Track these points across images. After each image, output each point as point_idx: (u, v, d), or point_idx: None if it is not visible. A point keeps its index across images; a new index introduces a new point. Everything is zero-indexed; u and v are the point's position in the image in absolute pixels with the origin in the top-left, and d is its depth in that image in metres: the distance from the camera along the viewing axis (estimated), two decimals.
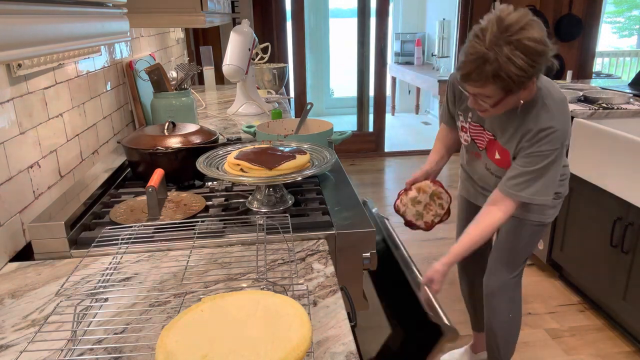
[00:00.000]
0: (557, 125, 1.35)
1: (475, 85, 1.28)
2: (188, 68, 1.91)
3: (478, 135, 1.57)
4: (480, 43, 1.23)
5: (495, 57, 1.21)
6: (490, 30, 1.22)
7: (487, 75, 1.24)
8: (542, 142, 1.36)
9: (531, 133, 1.37)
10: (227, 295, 0.77)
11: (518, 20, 1.22)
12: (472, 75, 1.26)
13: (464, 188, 1.85)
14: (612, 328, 2.27)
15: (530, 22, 1.23)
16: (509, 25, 1.21)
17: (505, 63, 1.21)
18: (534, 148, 1.38)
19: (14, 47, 0.53)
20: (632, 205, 2.03)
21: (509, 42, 1.21)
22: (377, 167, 4.74)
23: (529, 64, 1.22)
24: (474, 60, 1.24)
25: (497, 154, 1.53)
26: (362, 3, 4.78)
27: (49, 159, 1.27)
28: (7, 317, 0.86)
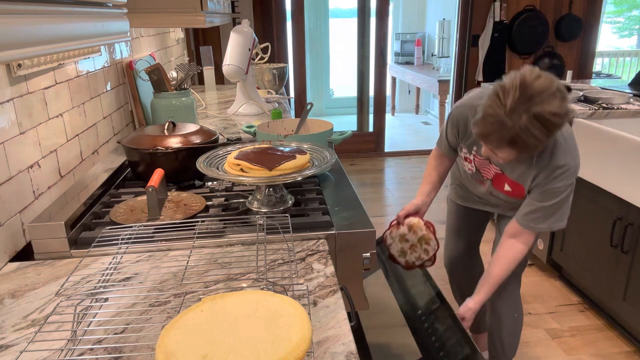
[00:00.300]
0: (572, 161, 1.37)
1: (492, 145, 1.28)
2: (188, 68, 1.91)
3: (484, 167, 1.56)
4: (501, 107, 1.20)
5: (513, 125, 1.19)
6: (513, 95, 1.19)
7: (504, 140, 1.23)
8: (558, 179, 1.37)
9: (547, 170, 1.38)
10: (227, 295, 0.77)
11: (543, 90, 1.18)
12: (489, 137, 1.25)
13: (457, 195, 1.84)
14: (612, 328, 2.27)
15: (555, 93, 1.19)
16: (532, 95, 1.18)
17: (523, 133, 1.20)
18: (551, 185, 1.39)
19: (14, 47, 0.53)
20: (632, 205, 2.03)
21: (529, 112, 1.18)
22: (377, 167, 4.74)
23: (545, 135, 1.21)
24: (492, 123, 1.22)
25: (506, 186, 1.53)
26: (362, 3, 4.78)
27: (49, 159, 1.27)
28: (7, 317, 0.86)
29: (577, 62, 4.51)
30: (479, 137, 1.29)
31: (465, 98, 1.53)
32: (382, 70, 4.87)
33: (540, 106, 1.18)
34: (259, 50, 2.62)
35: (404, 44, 6.35)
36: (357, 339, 0.81)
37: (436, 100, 5.38)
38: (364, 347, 1.53)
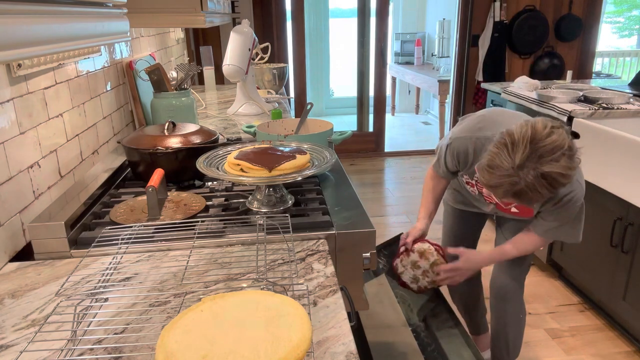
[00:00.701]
0: (576, 187, 1.37)
1: (496, 195, 1.27)
2: (188, 68, 1.91)
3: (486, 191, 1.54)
4: (509, 160, 1.18)
5: (520, 180, 1.18)
6: (523, 150, 1.17)
7: (509, 193, 1.22)
8: (566, 205, 1.39)
9: (554, 199, 1.39)
10: (227, 295, 0.77)
11: (553, 149, 1.15)
12: (495, 189, 1.24)
13: (454, 199, 1.83)
14: (612, 328, 2.27)
15: (564, 153, 1.16)
16: (543, 153, 1.16)
17: (529, 189, 1.18)
18: (561, 210, 1.41)
19: (14, 47, 0.53)
20: (632, 205, 2.03)
21: (538, 170, 1.16)
22: (377, 167, 4.73)
23: (549, 192, 1.20)
24: (499, 176, 1.20)
25: (513, 208, 1.55)
26: (362, 3, 4.78)
27: (49, 159, 1.27)
28: (7, 317, 0.86)
29: (577, 62, 4.51)
30: (483, 185, 1.27)
31: (463, 128, 1.50)
32: (382, 70, 4.87)
33: (549, 166, 1.15)
34: (259, 50, 2.62)
35: (404, 44, 6.35)
36: (357, 339, 0.81)
37: (436, 100, 5.38)
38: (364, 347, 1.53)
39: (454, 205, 1.84)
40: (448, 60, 5.36)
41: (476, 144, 1.44)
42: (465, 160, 1.49)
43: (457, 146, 1.49)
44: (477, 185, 1.56)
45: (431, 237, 1.63)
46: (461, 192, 1.77)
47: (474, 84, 4.47)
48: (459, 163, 1.52)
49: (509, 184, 1.19)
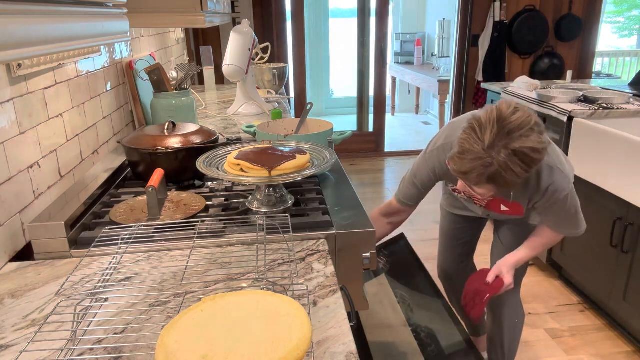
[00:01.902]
0: (557, 176, 1.35)
1: (470, 182, 1.24)
2: (188, 68, 1.91)
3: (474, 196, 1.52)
4: (478, 142, 1.16)
5: (492, 162, 1.15)
6: (491, 129, 1.15)
7: (483, 177, 1.19)
8: (553, 196, 1.37)
9: (539, 193, 1.38)
10: (227, 295, 0.77)
11: (520, 125, 1.15)
12: (468, 175, 1.21)
13: (450, 204, 1.82)
14: (612, 328, 2.27)
15: (533, 128, 1.16)
16: (510, 130, 1.14)
17: (503, 169, 1.16)
18: (551, 202, 1.40)
19: (14, 47, 0.53)
20: (632, 205, 2.03)
21: (508, 148, 1.14)
22: (377, 167, 4.74)
23: (524, 171, 1.17)
24: (471, 160, 1.18)
25: (502, 207, 1.52)
26: (362, 3, 4.78)
27: (49, 159, 1.27)
28: (7, 317, 0.86)
29: (577, 62, 4.51)
30: (455, 173, 1.24)
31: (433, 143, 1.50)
32: (382, 70, 4.87)
33: (519, 142, 1.14)
34: (259, 50, 2.62)
35: (404, 44, 6.35)
36: (357, 339, 0.81)
37: (436, 100, 5.38)
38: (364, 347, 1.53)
39: (450, 210, 1.83)
40: (448, 60, 5.37)
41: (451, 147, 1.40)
42: (444, 174, 1.48)
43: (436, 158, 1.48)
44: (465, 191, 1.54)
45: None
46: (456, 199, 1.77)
47: (474, 84, 4.47)
48: (440, 175, 1.50)
49: (481, 167, 1.16)
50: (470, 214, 1.75)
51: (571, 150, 2.40)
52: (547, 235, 1.52)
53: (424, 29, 6.61)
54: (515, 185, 1.22)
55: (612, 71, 5.88)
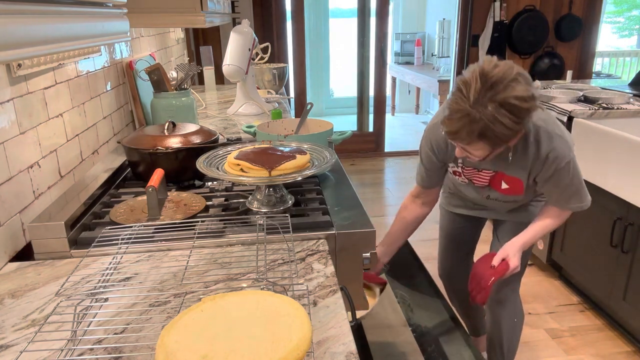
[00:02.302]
0: (556, 142, 1.34)
1: (463, 142, 1.25)
2: (188, 68, 1.91)
3: (474, 176, 1.53)
4: (464, 100, 1.17)
5: (481, 117, 1.16)
6: (474, 87, 1.16)
7: (474, 134, 1.20)
8: (554, 164, 1.36)
9: (539, 161, 1.37)
10: (227, 295, 0.77)
11: (503, 77, 1.16)
12: (459, 134, 1.22)
13: (450, 204, 1.81)
14: (612, 328, 2.27)
15: (516, 78, 1.16)
16: (494, 82, 1.15)
17: (491, 123, 1.16)
18: (552, 171, 1.37)
19: (14, 47, 0.53)
20: (632, 205, 2.03)
21: (495, 100, 1.15)
22: (377, 167, 4.74)
23: (515, 122, 1.17)
24: (459, 118, 1.19)
25: (503, 184, 1.50)
26: (362, 3, 4.78)
27: (49, 159, 1.27)
28: (7, 317, 0.86)
29: (577, 62, 4.51)
30: (448, 135, 1.25)
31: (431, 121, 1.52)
32: (382, 70, 4.87)
33: (504, 93, 1.15)
34: (259, 50, 2.62)
35: (404, 44, 6.35)
36: (357, 339, 0.81)
37: (436, 100, 5.38)
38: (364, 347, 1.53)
39: (449, 209, 1.82)
40: (448, 60, 5.37)
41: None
42: (445, 146, 1.47)
43: (432, 134, 1.48)
44: (464, 170, 1.53)
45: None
46: (456, 195, 1.75)
47: None
48: (437, 154, 1.50)
49: (470, 123, 1.17)
50: (471, 213, 1.75)
51: None
52: (552, 214, 1.50)
53: (424, 29, 6.61)
54: (508, 139, 1.22)
55: (612, 71, 5.88)
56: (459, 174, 1.55)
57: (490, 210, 1.70)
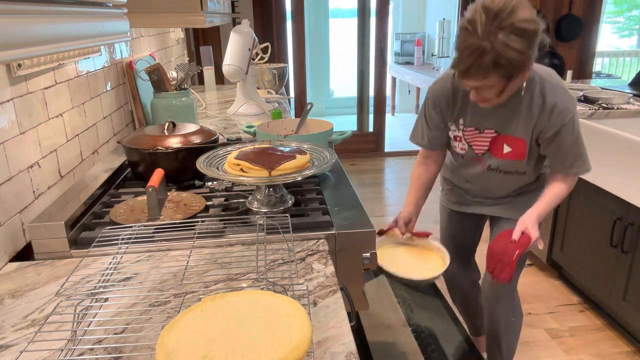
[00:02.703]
0: (562, 95, 1.37)
1: (477, 78, 1.25)
2: (188, 68, 1.91)
3: (475, 139, 1.51)
4: (473, 35, 1.20)
5: (492, 47, 1.18)
6: (480, 20, 1.19)
7: (488, 66, 1.21)
8: (559, 117, 1.37)
9: (544, 115, 1.38)
10: (227, 295, 0.77)
11: (505, 5, 1.19)
12: (472, 70, 1.23)
13: (450, 201, 1.80)
14: (612, 328, 2.27)
15: (517, 4, 1.20)
16: (498, 11, 1.18)
17: (503, 50, 1.18)
18: (557, 128, 1.38)
19: (14, 47, 0.53)
20: (632, 205, 2.03)
21: (502, 27, 1.18)
22: (377, 167, 4.74)
23: (526, 45, 1.20)
24: (470, 54, 1.20)
25: (505, 147, 1.47)
26: (362, 3, 4.78)
27: (49, 159, 1.27)
28: (7, 317, 0.86)
29: (577, 62, 4.51)
30: (460, 76, 1.26)
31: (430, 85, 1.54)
32: (382, 70, 4.87)
33: (510, 19, 1.18)
34: (259, 50, 2.62)
35: (404, 44, 6.34)
36: (357, 339, 0.81)
37: None
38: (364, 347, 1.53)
39: (450, 207, 1.81)
40: (448, 60, 5.36)
41: (452, 79, 1.45)
42: (447, 103, 1.48)
43: (435, 90, 1.49)
44: (465, 133, 1.51)
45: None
46: (455, 189, 1.75)
47: None
48: (442, 111, 1.50)
49: (481, 55, 1.19)
50: (470, 209, 1.74)
51: None
52: (558, 182, 1.48)
53: (424, 29, 6.61)
54: (523, 65, 1.23)
55: (612, 71, 5.88)
56: (459, 138, 1.53)
57: (489, 201, 1.68)
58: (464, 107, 1.47)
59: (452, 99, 1.47)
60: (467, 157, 1.58)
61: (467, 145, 1.53)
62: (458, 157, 1.60)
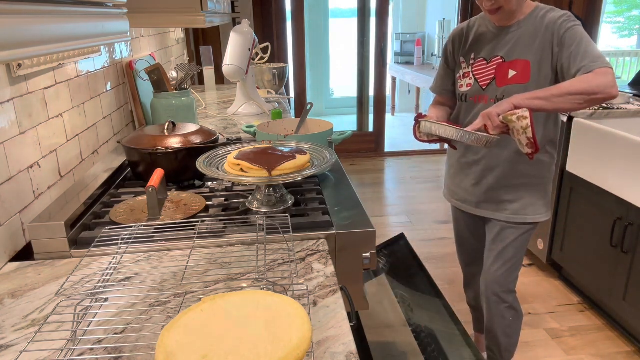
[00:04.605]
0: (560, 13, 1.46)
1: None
2: (188, 68, 1.91)
3: (481, 71, 1.56)
4: None
5: None
6: None
7: None
8: (562, 25, 1.42)
9: (548, 30, 1.44)
10: (227, 295, 0.77)
11: None
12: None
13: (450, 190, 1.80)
14: (612, 328, 2.27)
15: None
16: None
17: None
18: (562, 31, 1.41)
19: (14, 47, 0.53)
20: (632, 205, 2.03)
21: None
22: (377, 167, 4.74)
23: None
24: None
25: (510, 72, 1.50)
26: (362, 3, 4.78)
27: (49, 159, 1.27)
28: (7, 317, 0.86)
29: None
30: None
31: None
32: (382, 70, 4.87)
33: None
34: (259, 50, 2.62)
35: (404, 44, 6.34)
36: (357, 339, 0.81)
37: None
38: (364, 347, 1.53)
39: (456, 205, 1.80)
40: None
41: (469, 23, 1.63)
42: (460, 39, 1.63)
43: (454, 30, 1.66)
44: (473, 68, 1.58)
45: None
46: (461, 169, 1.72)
47: None
48: (454, 49, 1.65)
49: None
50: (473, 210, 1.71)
51: (571, 151, 2.40)
52: (576, 80, 1.34)
53: (424, 29, 6.61)
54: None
55: None
56: (467, 74, 1.60)
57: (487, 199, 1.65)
58: (475, 42, 1.59)
59: (465, 36, 1.62)
60: (471, 95, 1.59)
61: (473, 79, 1.59)
62: (462, 100, 1.64)
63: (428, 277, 1.93)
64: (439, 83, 1.72)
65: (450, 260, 2.88)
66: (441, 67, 1.71)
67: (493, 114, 1.33)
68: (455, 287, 2.60)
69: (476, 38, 1.59)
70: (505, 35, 1.51)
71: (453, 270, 2.78)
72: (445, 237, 3.12)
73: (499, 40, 1.53)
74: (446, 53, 1.67)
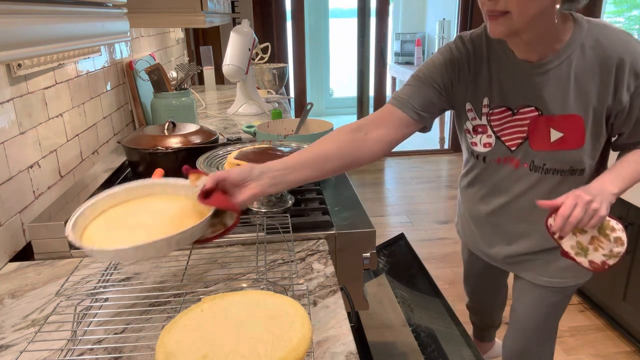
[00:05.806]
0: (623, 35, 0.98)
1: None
2: (188, 68, 1.91)
3: (507, 126, 1.08)
4: None
5: None
6: None
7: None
8: (632, 69, 0.97)
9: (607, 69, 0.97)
10: (227, 295, 0.77)
11: None
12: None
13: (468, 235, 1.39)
14: (612, 328, 2.27)
15: None
16: None
17: None
18: (631, 83, 0.98)
19: (14, 47, 0.53)
20: (632, 205, 2.03)
21: None
22: (377, 167, 4.74)
23: None
24: None
25: (553, 133, 1.04)
26: (362, 3, 4.78)
27: (49, 159, 1.27)
28: (7, 317, 0.86)
29: None
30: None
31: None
32: (382, 70, 4.87)
33: None
34: (259, 50, 2.62)
35: (404, 44, 6.34)
36: (357, 339, 0.81)
37: None
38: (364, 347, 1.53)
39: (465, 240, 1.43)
40: None
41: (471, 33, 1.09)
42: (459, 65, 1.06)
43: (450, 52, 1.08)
44: (491, 119, 1.08)
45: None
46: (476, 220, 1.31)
47: None
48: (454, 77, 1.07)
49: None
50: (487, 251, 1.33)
51: None
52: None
53: (424, 29, 6.61)
54: None
55: None
56: (484, 128, 1.09)
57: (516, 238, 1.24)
58: (489, 78, 1.06)
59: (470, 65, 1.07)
60: (493, 157, 1.14)
61: (494, 137, 1.10)
62: (479, 159, 1.17)
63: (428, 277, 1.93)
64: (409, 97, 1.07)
65: (450, 260, 2.88)
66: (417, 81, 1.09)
67: (592, 210, 1.00)
68: (455, 287, 2.60)
69: (490, 73, 1.06)
70: (538, 73, 1.02)
71: (453, 270, 2.78)
72: (445, 237, 3.11)
73: (529, 78, 1.03)
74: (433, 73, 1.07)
